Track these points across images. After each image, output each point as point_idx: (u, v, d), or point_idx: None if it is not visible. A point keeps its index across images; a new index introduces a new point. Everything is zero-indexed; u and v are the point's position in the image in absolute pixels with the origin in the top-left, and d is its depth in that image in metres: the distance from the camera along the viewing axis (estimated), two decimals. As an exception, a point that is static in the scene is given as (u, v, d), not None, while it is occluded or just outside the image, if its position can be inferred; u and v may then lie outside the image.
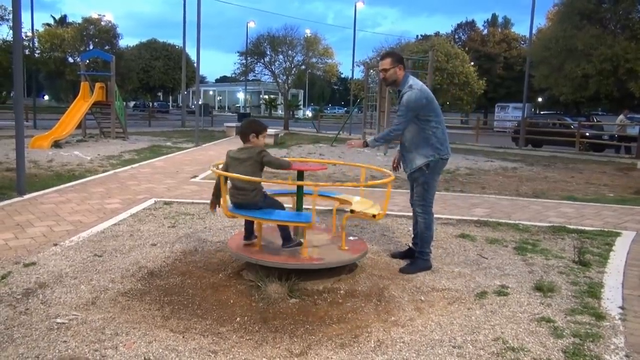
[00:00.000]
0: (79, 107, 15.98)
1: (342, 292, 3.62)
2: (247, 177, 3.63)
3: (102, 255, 4.30)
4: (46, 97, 60.35)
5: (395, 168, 4.48)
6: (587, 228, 5.78)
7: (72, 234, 4.92)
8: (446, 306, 3.43)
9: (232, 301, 3.40)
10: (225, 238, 4.88)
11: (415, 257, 4.22)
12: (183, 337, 2.88)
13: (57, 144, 13.63)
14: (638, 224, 6.12)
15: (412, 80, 4.10)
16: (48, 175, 8.70)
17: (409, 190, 4.45)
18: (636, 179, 10.44)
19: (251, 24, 41.28)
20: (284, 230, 3.87)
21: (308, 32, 29.59)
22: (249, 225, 4.02)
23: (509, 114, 37.77)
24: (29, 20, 24.17)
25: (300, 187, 4.09)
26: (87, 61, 21.89)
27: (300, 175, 4.15)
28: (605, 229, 5.74)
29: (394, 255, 4.48)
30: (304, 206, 4.18)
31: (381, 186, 7.66)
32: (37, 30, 31.39)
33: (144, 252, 4.40)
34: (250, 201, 3.78)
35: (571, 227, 5.80)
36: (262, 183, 3.84)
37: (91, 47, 31.89)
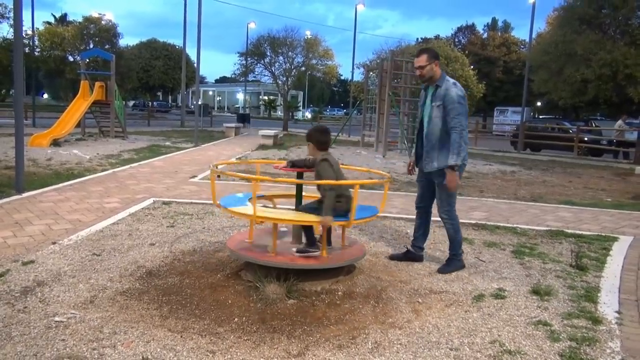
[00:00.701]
0: (79, 106, 15.97)
1: (340, 293, 3.62)
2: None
3: (100, 254, 4.30)
4: (45, 96, 60.32)
5: (410, 172, 4.46)
6: (584, 232, 5.80)
7: (71, 232, 4.92)
8: (443, 308, 3.44)
9: (230, 301, 3.41)
10: (224, 238, 4.88)
11: (450, 259, 4.29)
12: (181, 336, 2.88)
13: (56, 143, 13.62)
14: (635, 229, 6.15)
15: (451, 79, 4.09)
16: (47, 173, 8.70)
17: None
18: (634, 184, 10.48)
19: (251, 25, 41.23)
20: (310, 234, 3.85)
21: (308, 33, 29.61)
22: (311, 233, 3.92)
23: (508, 118, 37.94)
24: (30, 19, 24.18)
25: (299, 186, 4.12)
26: (87, 60, 21.88)
27: (300, 176, 4.17)
28: (603, 234, 5.76)
29: (393, 257, 4.50)
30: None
31: (379, 188, 7.67)
32: (38, 29, 31.39)
33: (143, 252, 4.41)
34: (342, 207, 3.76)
35: (569, 231, 5.82)
36: (260, 183, 3.85)
37: (91, 46, 31.84)
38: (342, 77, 61.37)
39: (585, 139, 20.46)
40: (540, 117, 41.59)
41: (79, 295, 3.41)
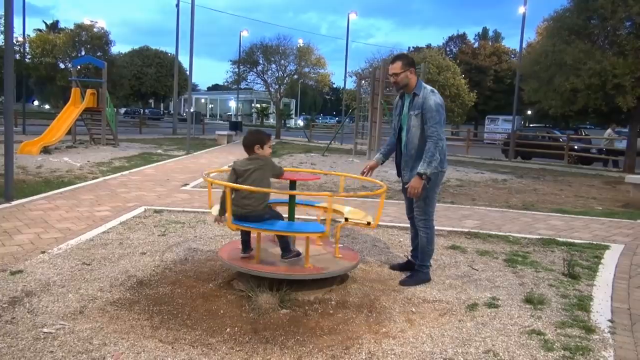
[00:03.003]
0: (70, 113, 15.86)
1: (333, 302, 3.60)
2: (258, 188, 3.61)
3: (90, 263, 4.25)
4: (36, 103, 59.91)
5: (364, 173, 4.39)
6: (576, 241, 5.82)
7: (61, 241, 4.86)
8: (437, 318, 3.43)
9: (222, 311, 3.37)
10: (216, 247, 4.84)
11: (415, 270, 4.21)
12: (172, 347, 2.84)
13: (46, 150, 13.51)
14: (626, 237, 6.18)
15: (428, 86, 4.03)
16: (37, 181, 8.61)
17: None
18: (624, 193, 10.55)
19: (244, 33, 41.36)
20: (283, 242, 3.85)
21: (301, 41, 29.75)
22: (246, 238, 3.97)
23: (499, 126, 38.25)
24: (21, 25, 24.05)
25: (292, 197, 4.09)
26: (79, 67, 21.79)
27: (293, 185, 4.15)
28: (594, 242, 5.79)
29: (394, 267, 4.44)
30: (295, 215, 4.17)
31: (373, 196, 7.68)
32: (29, 36, 31.26)
33: (134, 261, 4.36)
34: (257, 213, 3.71)
35: (561, 239, 5.84)
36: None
37: (83, 53, 31.73)
38: (335, 85, 61.76)
39: (576, 147, 20.66)
40: (531, 125, 42.00)
41: (69, 305, 3.36)
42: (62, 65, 33.16)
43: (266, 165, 3.79)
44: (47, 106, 51.03)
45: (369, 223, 4.05)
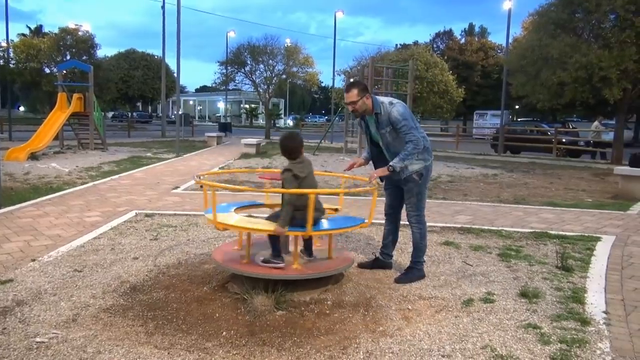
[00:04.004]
0: (56, 119, 15.70)
1: (329, 302, 3.58)
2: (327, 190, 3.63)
3: (82, 270, 4.19)
4: (22, 108, 59.20)
5: (349, 168, 4.36)
6: (568, 233, 5.86)
7: (51, 248, 4.79)
8: (434, 315, 3.42)
9: (217, 315, 3.34)
10: (209, 250, 4.81)
11: (409, 267, 4.21)
12: (168, 353, 2.81)
13: (33, 156, 13.34)
14: (617, 228, 6.24)
15: (384, 98, 4.06)
16: (25, 188, 8.49)
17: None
18: (612, 184, 10.66)
19: (231, 34, 41.18)
20: (274, 243, 3.75)
21: (288, 41, 29.67)
22: (277, 244, 3.78)
23: (487, 121, 38.46)
24: (4, 30, 23.73)
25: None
26: (65, 71, 21.55)
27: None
28: (586, 234, 5.83)
29: (362, 266, 4.42)
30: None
31: (364, 194, 7.67)
32: (12, 41, 30.82)
33: (126, 266, 4.31)
34: (304, 217, 3.59)
35: (553, 232, 5.88)
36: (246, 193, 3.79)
37: (68, 57, 31.37)
38: (323, 84, 61.66)
39: (564, 140, 20.84)
40: (519, 120, 42.31)
41: (61, 314, 3.31)
42: (47, 70, 32.75)
43: (311, 167, 3.80)
44: (27, 113, 50.41)
45: (336, 209, 4.27)
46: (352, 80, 4.41)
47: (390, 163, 3.91)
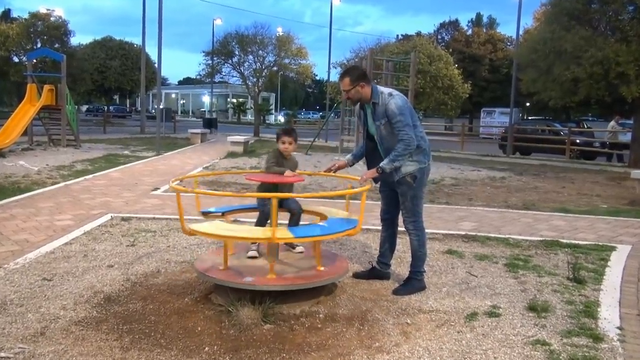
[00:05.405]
0: (25, 112, 15.65)
1: (321, 315, 3.60)
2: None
3: (52, 279, 4.18)
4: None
5: (330, 169, 4.41)
6: (580, 242, 5.91)
7: (17, 255, 4.78)
8: (434, 329, 3.45)
9: (199, 328, 3.35)
10: (191, 257, 4.81)
11: (409, 277, 4.22)
12: (145, 370, 2.81)
13: (-1, 153, 13.29)
14: (633, 237, 6.30)
15: (385, 89, 4.09)
16: (-11, 188, 8.45)
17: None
18: (629, 189, 10.74)
19: (218, 22, 41.22)
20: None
21: (280, 30, 29.69)
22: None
23: (496, 120, 38.62)
24: (-32, 15, 23.58)
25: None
26: (35, 61, 21.50)
27: (275, 188, 4.13)
28: (600, 243, 5.88)
29: (357, 276, 4.45)
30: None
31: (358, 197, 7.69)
32: (-23, 26, 30.68)
33: (100, 275, 4.30)
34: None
35: (564, 241, 5.92)
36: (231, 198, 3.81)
37: (39, 45, 31.23)
38: (318, 78, 61.70)
39: (578, 141, 20.98)
40: (530, 118, 42.54)
41: (28, 326, 3.30)
42: (16, 59, 32.60)
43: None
44: None
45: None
46: (347, 68, 4.43)
47: (380, 164, 3.96)
